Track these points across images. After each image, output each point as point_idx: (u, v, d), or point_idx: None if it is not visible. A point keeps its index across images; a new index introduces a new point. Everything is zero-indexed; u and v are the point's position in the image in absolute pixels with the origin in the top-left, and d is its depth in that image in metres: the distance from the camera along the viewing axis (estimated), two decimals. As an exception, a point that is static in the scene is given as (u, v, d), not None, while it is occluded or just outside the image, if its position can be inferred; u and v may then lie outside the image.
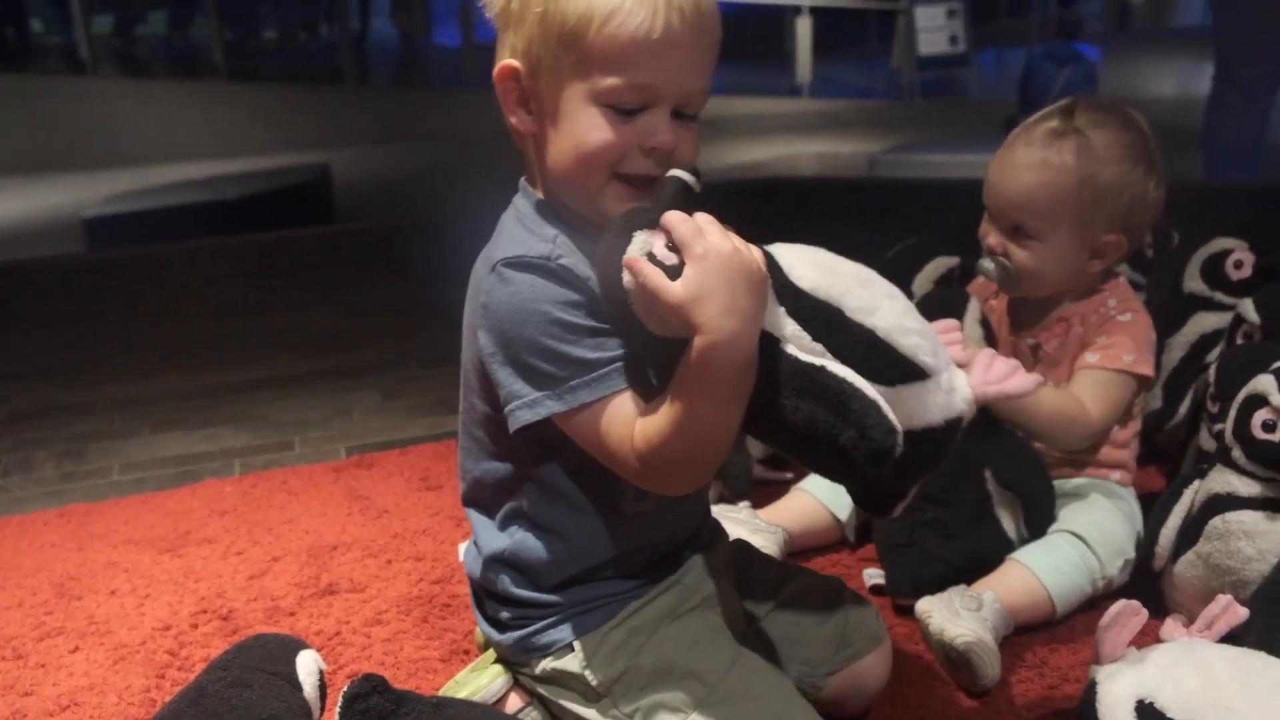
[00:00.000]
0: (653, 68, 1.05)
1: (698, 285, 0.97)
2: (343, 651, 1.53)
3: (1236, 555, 1.37)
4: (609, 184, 1.09)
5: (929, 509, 1.50)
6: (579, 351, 1.07)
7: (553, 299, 1.07)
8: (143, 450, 2.36)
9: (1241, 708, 1.04)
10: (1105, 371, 1.53)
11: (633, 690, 1.18)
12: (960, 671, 1.35)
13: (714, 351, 0.97)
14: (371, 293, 3.53)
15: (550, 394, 1.08)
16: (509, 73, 1.10)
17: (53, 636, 1.61)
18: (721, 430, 1.03)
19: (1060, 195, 1.52)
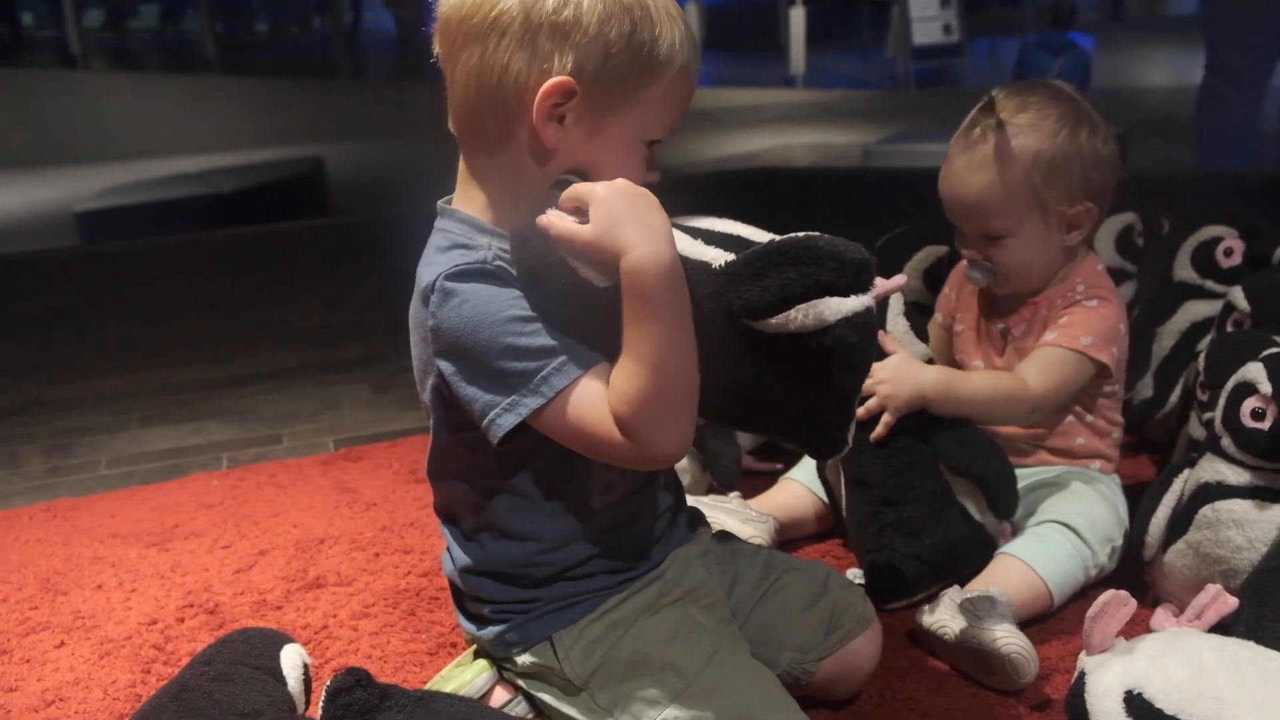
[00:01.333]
0: (683, 112, 1.15)
1: (604, 216, 1.02)
2: (329, 645, 1.52)
3: (1226, 544, 1.36)
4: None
5: (889, 511, 1.50)
6: (542, 340, 1.06)
7: (502, 298, 1.07)
8: (130, 444, 2.35)
9: (1230, 697, 1.04)
10: (1059, 349, 1.52)
11: (610, 683, 1.18)
12: (996, 673, 1.33)
13: (642, 266, 1.00)
14: (362, 286, 3.52)
15: (525, 391, 1.07)
16: (563, 89, 1.07)
17: (38, 631, 1.60)
18: (681, 357, 1.04)
19: (1012, 188, 1.51)
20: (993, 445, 1.51)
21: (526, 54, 1.07)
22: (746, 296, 1.03)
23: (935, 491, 1.50)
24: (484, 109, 1.11)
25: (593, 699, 1.19)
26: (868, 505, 1.51)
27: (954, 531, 1.50)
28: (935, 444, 1.50)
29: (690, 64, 1.12)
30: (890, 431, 1.49)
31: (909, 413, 1.49)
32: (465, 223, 1.15)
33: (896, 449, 1.50)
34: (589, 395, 1.06)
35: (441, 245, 1.15)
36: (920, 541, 1.48)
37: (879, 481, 1.50)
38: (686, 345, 1.04)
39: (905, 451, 1.50)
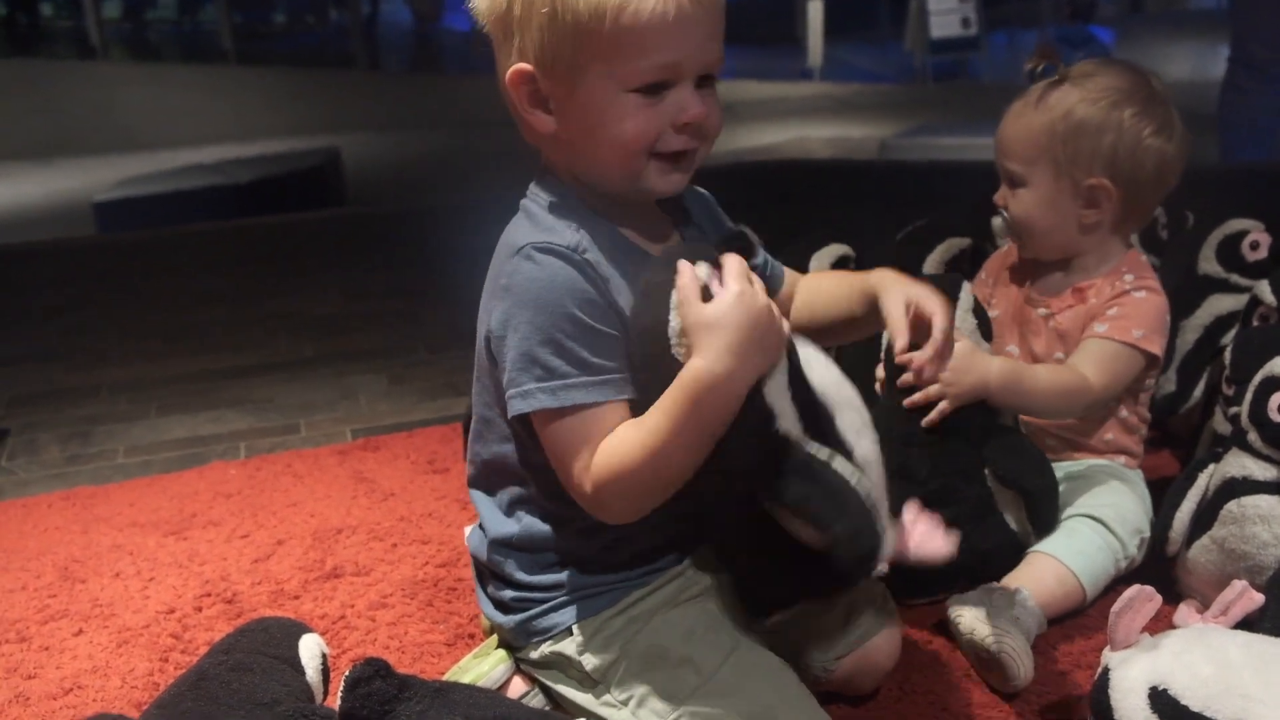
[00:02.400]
0: (673, 46, 1.07)
1: (721, 314, 1.01)
2: (347, 635, 1.52)
3: (1252, 540, 1.34)
4: (648, 164, 1.12)
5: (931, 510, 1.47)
6: (583, 352, 1.08)
7: (574, 290, 1.09)
8: (148, 433, 2.35)
9: (1257, 694, 1.03)
10: (1112, 343, 1.51)
11: (627, 677, 1.18)
12: (992, 672, 1.32)
13: (698, 375, 1.01)
14: (379, 277, 3.52)
15: (544, 388, 1.08)
16: (522, 76, 1.10)
17: (56, 619, 1.61)
18: (681, 468, 1.06)
19: (1034, 134, 1.53)
20: (1043, 460, 1.48)
21: (502, 54, 1.13)
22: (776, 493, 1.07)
23: (979, 498, 1.47)
24: (511, 110, 1.16)
25: (609, 692, 1.19)
26: (904, 499, 1.47)
27: (990, 539, 1.47)
28: (986, 451, 1.47)
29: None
30: (941, 433, 1.46)
31: (964, 408, 1.45)
32: (557, 194, 1.17)
33: (946, 451, 1.46)
34: (586, 428, 1.09)
35: (536, 208, 1.17)
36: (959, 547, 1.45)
37: (923, 479, 1.46)
38: (692, 463, 1.06)
39: (954, 454, 1.47)
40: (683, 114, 1.09)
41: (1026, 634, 1.34)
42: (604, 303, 1.10)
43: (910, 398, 1.45)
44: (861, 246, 2.09)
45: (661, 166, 1.12)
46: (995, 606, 1.34)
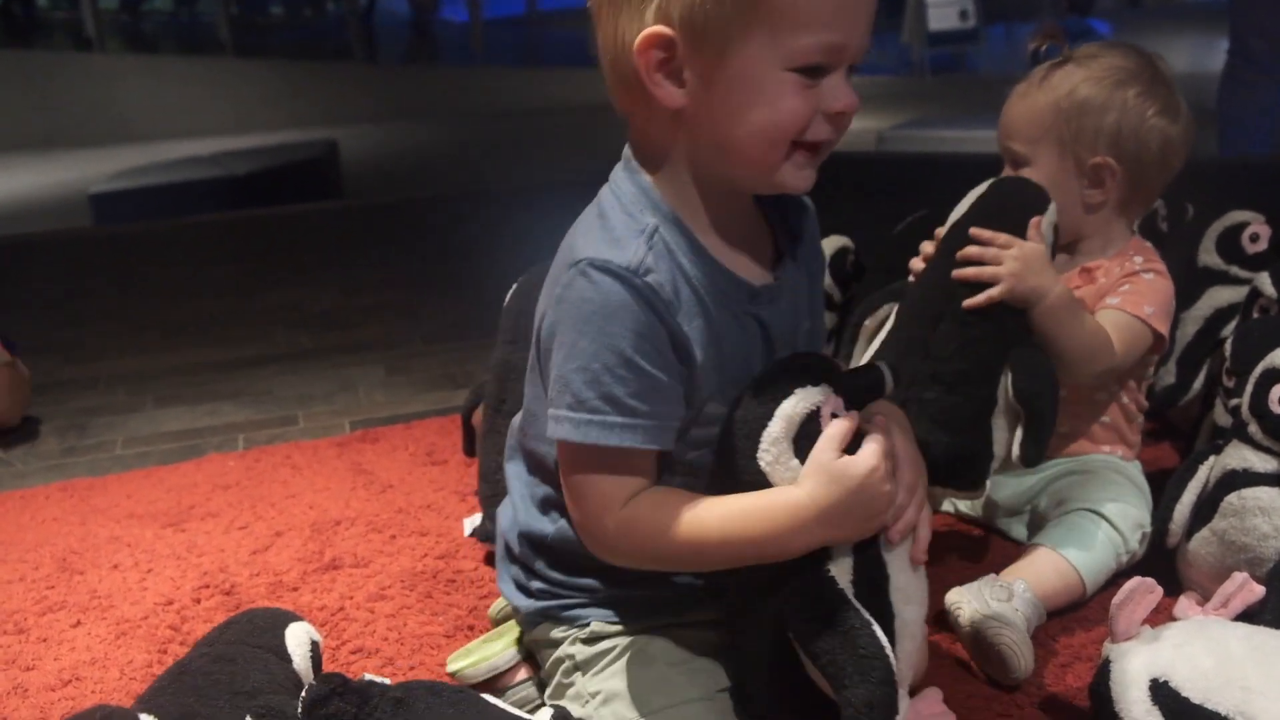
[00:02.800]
0: (843, 25, 0.99)
1: (849, 475, 0.99)
2: (346, 627, 1.52)
3: (1252, 532, 1.34)
4: (787, 155, 1.03)
5: (932, 389, 1.37)
6: (618, 390, 1.02)
7: (627, 318, 1.02)
8: (146, 425, 2.35)
9: (1258, 686, 1.03)
10: (1125, 314, 1.50)
11: (604, 673, 1.16)
12: (991, 664, 1.32)
13: (798, 517, 1.00)
14: (377, 269, 3.51)
15: (572, 418, 1.03)
16: (659, 40, 0.99)
17: (54, 611, 1.60)
18: (712, 568, 1.07)
19: (1038, 113, 1.54)
20: (1056, 386, 1.40)
21: (625, 17, 1.01)
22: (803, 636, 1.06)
23: (985, 399, 1.37)
24: (616, 85, 1.06)
25: (582, 680, 1.18)
26: (909, 373, 1.37)
27: (972, 447, 1.38)
28: (1013, 357, 1.38)
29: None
30: (976, 317, 1.38)
31: (1007, 308, 1.38)
32: (642, 192, 1.08)
33: (980, 337, 1.37)
34: (604, 467, 1.05)
35: (610, 205, 1.09)
36: (940, 433, 1.36)
37: (945, 357, 1.37)
38: (731, 564, 1.06)
39: (984, 343, 1.37)
40: (837, 101, 1.01)
41: (1026, 626, 1.33)
42: (662, 331, 1.03)
43: (963, 271, 1.38)
44: (860, 238, 2.09)
45: (801, 158, 1.04)
46: (995, 598, 1.34)
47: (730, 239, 1.10)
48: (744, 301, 1.10)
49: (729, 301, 1.09)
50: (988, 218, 1.43)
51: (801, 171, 1.05)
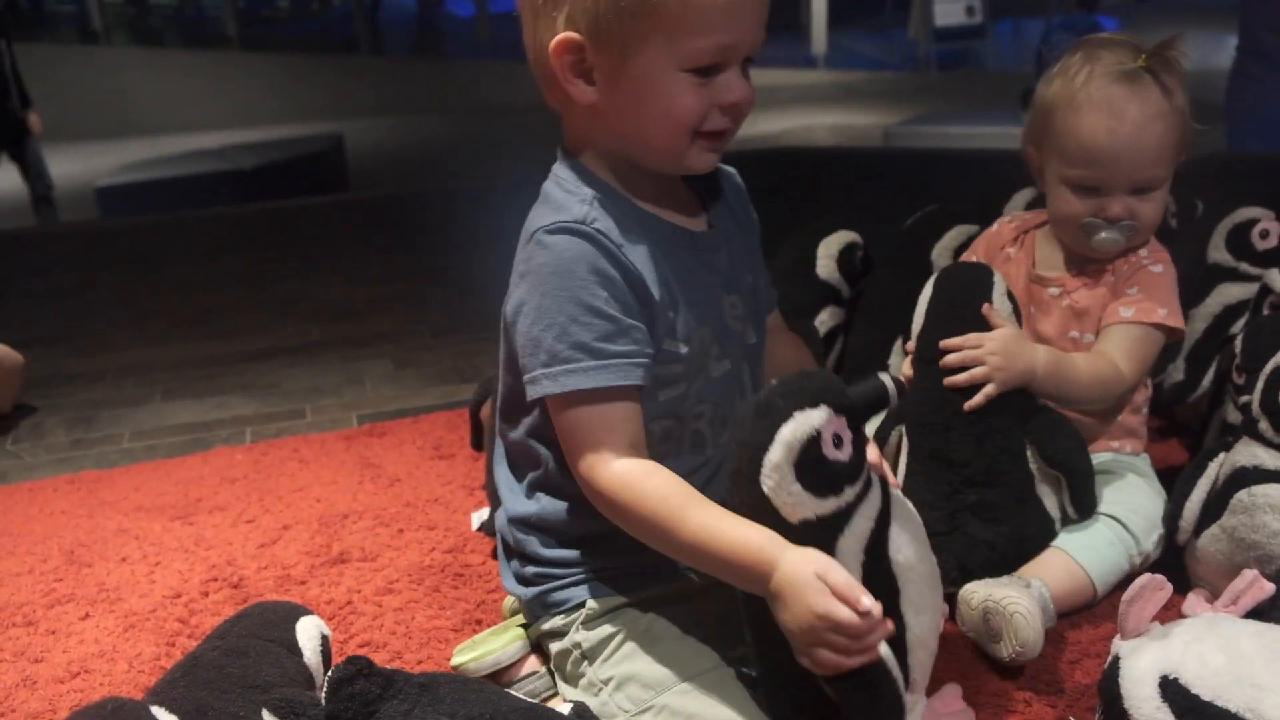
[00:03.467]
0: (731, 27, 1.07)
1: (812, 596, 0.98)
2: (354, 621, 1.52)
3: (1262, 529, 1.34)
4: (690, 142, 1.13)
5: (971, 493, 1.43)
6: (586, 336, 1.09)
7: (584, 262, 1.10)
8: (153, 418, 2.35)
9: (1269, 684, 1.02)
10: (1140, 326, 1.50)
11: (613, 658, 1.18)
12: (1002, 642, 1.31)
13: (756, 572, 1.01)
14: (383, 261, 3.51)
15: (549, 373, 1.10)
16: (569, 45, 1.09)
17: (63, 603, 1.60)
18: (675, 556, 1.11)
19: (1177, 134, 1.49)
20: (1081, 440, 1.46)
21: (543, 23, 1.12)
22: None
23: (1023, 479, 1.44)
24: (541, 83, 1.16)
25: (592, 670, 1.19)
26: (944, 485, 1.44)
27: (1031, 524, 1.44)
28: (1030, 430, 1.44)
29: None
30: (983, 413, 1.43)
31: (1007, 391, 1.42)
32: (575, 171, 1.18)
33: (992, 429, 1.43)
34: (591, 414, 1.11)
35: (552, 186, 1.19)
36: (998, 528, 1.42)
37: (966, 460, 1.43)
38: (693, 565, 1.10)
39: (999, 433, 1.43)
40: (729, 95, 1.10)
41: (1041, 609, 1.33)
42: (616, 274, 1.11)
43: (954, 378, 1.42)
44: (870, 233, 2.08)
45: (704, 145, 1.13)
46: (1010, 581, 1.34)
47: (661, 201, 1.20)
48: (687, 246, 1.19)
49: (674, 248, 1.18)
50: (945, 320, 1.45)
51: (704, 155, 1.15)
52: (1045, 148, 1.55)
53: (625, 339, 1.11)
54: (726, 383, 1.23)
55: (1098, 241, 1.52)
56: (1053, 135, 1.52)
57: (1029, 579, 1.36)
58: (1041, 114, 1.55)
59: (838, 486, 1.04)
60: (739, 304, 1.24)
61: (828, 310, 2.00)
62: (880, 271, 2.04)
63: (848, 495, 1.04)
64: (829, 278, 2.01)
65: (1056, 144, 1.52)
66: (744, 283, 1.27)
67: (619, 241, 1.12)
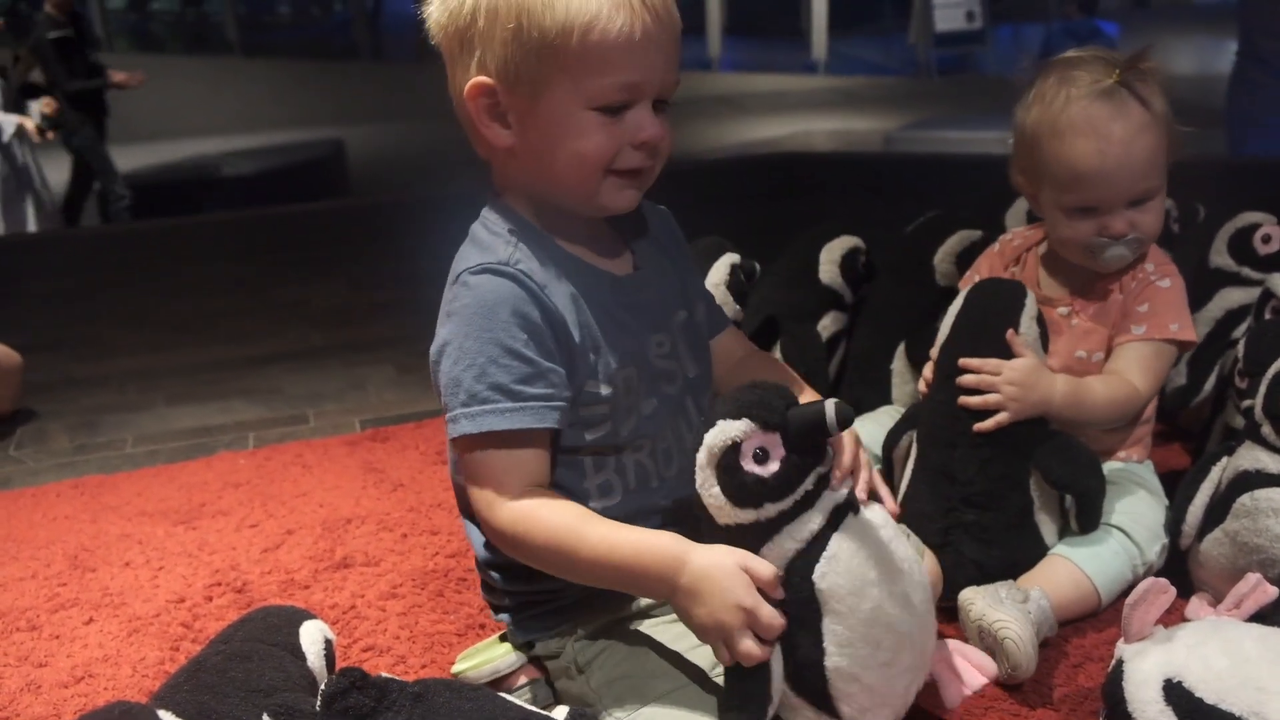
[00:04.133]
0: (636, 67, 1.09)
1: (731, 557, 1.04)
2: (358, 625, 1.52)
3: (1265, 533, 1.34)
4: (603, 181, 1.14)
5: (968, 512, 1.45)
6: (504, 379, 1.11)
7: (510, 306, 1.11)
8: (156, 423, 2.35)
9: (1272, 687, 1.02)
10: (1152, 343, 1.50)
11: (608, 667, 1.18)
12: (997, 661, 1.32)
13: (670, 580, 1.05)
14: (385, 266, 3.52)
15: (467, 413, 1.11)
16: (481, 89, 1.12)
17: (67, 608, 1.61)
18: (580, 579, 1.13)
19: (1164, 144, 1.49)
20: (1095, 460, 1.46)
21: (459, 68, 1.14)
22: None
23: (1021, 507, 1.45)
24: (464, 127, 1.18)
25: (588, 682, 1.19)
26: (944, 500, 1.45)
27: (1023, 550, 1.45)
28: (1038, 458, 1.45)
29: (603, 14, 1.07)
30: (990, 437, 1.43)
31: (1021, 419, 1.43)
32: (500, 211, 1.19)
33: (996, 454, 1.44)
34: (502, 456, 1.12)
35: (478, 228, 1.20)
36: (991, 551, 1.44)
37: (968, 480, 1.44)
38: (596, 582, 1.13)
39: (1003, 459, 1.44)
40: (640, 133, 1.11)
41: (1035, 630, 1.33)
42: (538, 316, 1.12)
43: (968, 399, 1.43)
44: (871, 238, 2.09)
45: (617, 183, 1.14)
46: (1010, 599, 1.34)
47: (584, 243, 1.20)
48: (609, 290, 1.19)
49: (596, 291, 1.18)
50: (970, 337, 1.46)
51: (621, 193, 1.15)
52: (1035, 176, 1.55)
53: (543, 382, 1.12)
54: (666, 416, 1.23)
55: (1107, 259, 1.52)
56: (1042, 164, 1.52)
57: (1028, 589, 1.36)
58: (1026, 143, 1.54)
59: (756, 500, 1.05)
60: (667, 342, 1.23)
61: (830, 315, 2.00)
62: (883, 277, 2.04)
63: (768, 511, 1.06)
64: (831, 283, 2.01)
65: (1047, 172, 1.52)
66: (675, 321, 1.25)
67: (541, 283, 1.13)
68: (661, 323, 1.24)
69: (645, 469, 1.22)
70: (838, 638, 1.07)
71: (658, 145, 1.13)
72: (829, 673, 1.08)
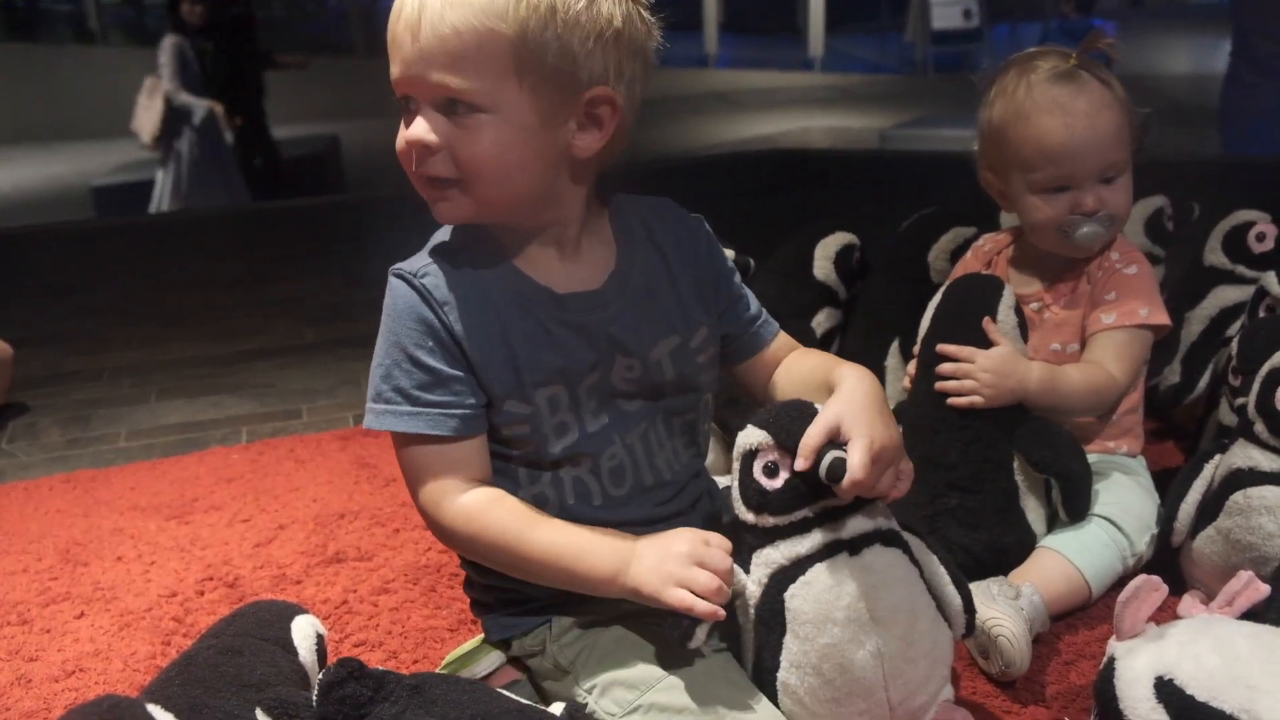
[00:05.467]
0: (395, 58, 1.09)
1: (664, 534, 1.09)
2: (350, 620, 1.52)
3: (1257, 531, 1.34)
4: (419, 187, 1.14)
5: (954, 496, 1.45)
6: (405, 383, 1.12)
7: (415, 313, 1.12)
8: (149, 417, 2.35)
9: (1264, 685, 1.02)
10: (1124, 330, 1.51)
11: (592, 665, 1.17)
12: (990, 658, 1.32)
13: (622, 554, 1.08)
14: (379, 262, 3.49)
15: (374, 409, 1.14)
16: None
17: (58, 602, 1.60)
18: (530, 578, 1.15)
19: (1126, 120, 1.52)
20: (1075, 444, 1.47)
21: None
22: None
23: (1006, 489, 1.46)
24: None
25: (576, 682, 1.18)
26: (929, 486, 1.45)
27: (1010, 534, 1.46)
28: (1018, 440, 1.46)
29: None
30: (973, 418, 1.45)
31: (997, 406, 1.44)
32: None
33: (977, 436, 1.45)
34: (416, 455, 1.14)
35: (434, 236, 1.21)
36: (976, 534, 1.44)
37: (952, 464, 1.45)
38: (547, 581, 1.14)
39: (985, 441, 1.45)
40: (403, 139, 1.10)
41: (1028, 625, 1.33)
42: (439, 327, 1.12)
43: (944, 384, 1.45)
44: (866, 235, 2.09)
45: (421, 189, 1.13)
46: (1002, 595, 1.34)
47: (536, 254, 1.16)
48: (546, 305, 1.15)
49: (531, 307, 1.14)
50: (948, 328, 1.48)
51: (432, 204, 1.13)
52: (1002, 167, 1.57)
53: (443, 390, 1.12)
54: (619, 434, 1.19)
55: (1080, 238, 1.53)
56: (1009, 151, 1.54)
57: (1019, 585, 1.36)
58: (992, 136, 1.56)
59: (758, 508, 1.09)
60: (637, 366, 1.18)
61: (824, 312, 2.01)
62: (877, 273, 2.04)
63: (767, 521, 1.09)
64: (826, 279, 2.01)
65: (1015, 157, 1.53)
66: (653, 344, 1.19)
67: (443, 299, 1.12)
68: (637, 346, 1.17)
69: (585, 485, 1.19)
70: (792, 656, 1.09)
71: (414, 151, 1.09)
72: (779, 684, 1.11)
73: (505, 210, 1.12)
